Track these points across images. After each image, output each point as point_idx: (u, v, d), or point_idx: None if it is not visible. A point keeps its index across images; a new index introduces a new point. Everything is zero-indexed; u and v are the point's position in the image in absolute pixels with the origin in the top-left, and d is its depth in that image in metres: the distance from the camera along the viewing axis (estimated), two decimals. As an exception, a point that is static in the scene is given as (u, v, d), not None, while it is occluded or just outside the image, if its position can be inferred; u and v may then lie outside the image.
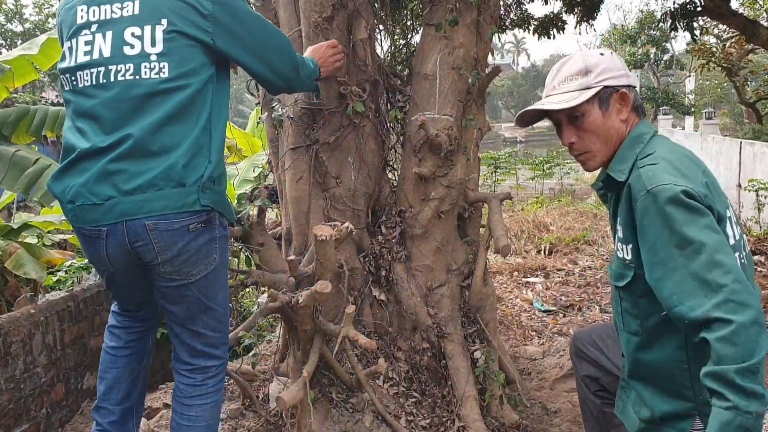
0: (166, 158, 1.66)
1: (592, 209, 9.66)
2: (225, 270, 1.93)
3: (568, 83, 1.51)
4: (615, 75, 1.49)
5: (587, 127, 1.50)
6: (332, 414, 2.65)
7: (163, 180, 1.65)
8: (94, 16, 1.73)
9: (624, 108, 1.51)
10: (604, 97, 1.49)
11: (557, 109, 1.49)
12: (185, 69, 1.71)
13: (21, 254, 4.19)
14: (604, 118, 1.49)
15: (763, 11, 13.83)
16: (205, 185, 1.73)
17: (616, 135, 1.50)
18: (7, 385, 2.60)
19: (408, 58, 3.20)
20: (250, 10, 1.89)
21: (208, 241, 1.80)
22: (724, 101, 24.26)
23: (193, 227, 1.73)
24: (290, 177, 2.79)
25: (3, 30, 18.53)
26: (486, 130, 3.16)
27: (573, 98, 1.48)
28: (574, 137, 1.53)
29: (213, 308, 1.89)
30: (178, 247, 1.72)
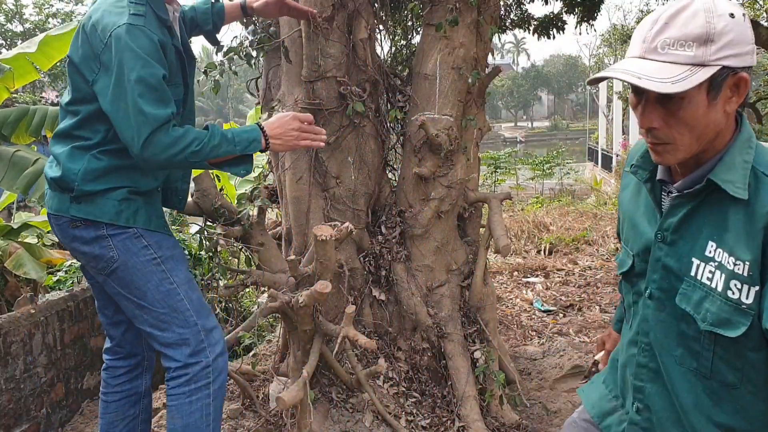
0: (56, 165, 1.88)
1: (592, 209, 9.66)
2: (149, 271, 1.89)
3: (677, 50, 1.03)
4: (740, 52, 1.04)
5: (683, 115, 1.06)
6: (332, 414, 2.65)
7: (52, 182, 1.87)
8: None
9: (736, 97, 1.08)
10: (717, 81, 1.04)
11: (656, 91, 1.03)
12: (78, 96, 1.87)
13: (21, 254, 4.19)
14: (708, 109, 1.06)
15: (763, 11, 13.83)
16: (78, 198, 1.84)
17: (713, 130, 1.10)
18: (7, 385, 2.60)
19: (408, 58, 3.20)
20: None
21: (96, 238, 1.85)
22: (724, 101, 24.24)
23: (73, 224, 1.86)
24: (290, 177, 2.79)
25: (3, 30, 18.53)
26: (486, 130, 3.16)
27: (680, 77, 1.02)
28: (658, 122, 1.09)
29: (146, 307, 1.90)
30: (68, 240, 1.89)
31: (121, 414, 2.12)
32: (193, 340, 1.94)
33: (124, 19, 1.74)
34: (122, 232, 1.86)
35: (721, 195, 1.10)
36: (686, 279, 1.15)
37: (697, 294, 1.13)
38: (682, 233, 1.16)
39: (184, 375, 1.93)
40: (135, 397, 2.15)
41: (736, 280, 1.08)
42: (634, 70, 1.06)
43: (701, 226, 1.14)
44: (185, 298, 1.93)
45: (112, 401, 2.12)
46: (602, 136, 22.98)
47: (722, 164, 1.11)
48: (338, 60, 2.64)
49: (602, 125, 23.41)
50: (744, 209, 1.08)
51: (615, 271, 6.16)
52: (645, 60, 1.07)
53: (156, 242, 1.91)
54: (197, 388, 1.93)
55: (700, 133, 1.09)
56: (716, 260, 1.11)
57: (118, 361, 2.13)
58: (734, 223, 1.08)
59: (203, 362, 1.94)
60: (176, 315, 1.92)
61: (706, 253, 1.12)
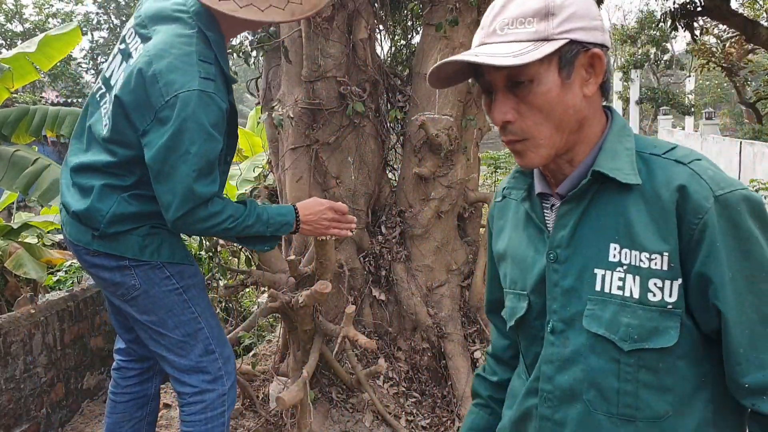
0: (81, 197, 1.80)
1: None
2: (170, 301, 1.87)
3: (518, 28, 0.92)
4: (588, 26, 0.93)
5: (535, 100, 0.93)
6: (332, 414, 2.65)
7: (75, 214, 1.80)
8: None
9: (593, 78, 0.95)
10: (567, 57, 0.92)
11: (495, 65, 0.90)
12: (117, 138, 1.76)
13: (21, 254, 4.19)
14: (562, 90, 0.93)
15: (763, 11, 13.84)
16: (101, 236, 1.78)
17: (574, 117, 0.95)
18: (7, 385, 2.60)
19: (408, 58, 3.20)
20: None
21: (117, 268, 1.81)
22: (724, 101, 24.27)
23: (94, 253, 1.81)
24: (290, 177, 2.79)
25: (3, 30, 18.53)
26: (486, 130, 3.16)
27: (522, 51, 0.90)
28: (511, 113, 0.95)
29: (165, 334, 1.88)
30: (87, 266, 1.85)
31: (128, 415, 2.11)
32: (212, 368, 1.93)
33: (195, 84, 1.62)
34: (145, 263, 1.82)
35: (612, 187, 0.95)
36: (591, 297, 0.96)
37: (610, 310, 0.94)
38: (577, 245, 0.98)
39: (200, 402, 1.92)
40: (143, 399, 2.14)
41: (656, 278, 0.92)
42: (473, 52, 0.94)
43: (597, 229, 0.97)
44: (206, 326, 1.92)
45: (120, 402, 2.10)
46: (602, 136, 22.95)
47: (603, 153, 0.97)
48: (338, 60, 2.64)
49: (602, 125, 23.39)
50: (642, 196, 0.93)
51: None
52: (485, 45, 0.94)
53: (178, 272, 1.88)
54: (213, 416, 1.93)
55: (558, 121, 0.94)
56: (624, 263, 0.94)
57: (130, 363, 2.12)
58: (637, 214, 0.93)
59: (219, 390, 1.94)
60: (196, 343, 1.90)
61: (609, 258, 0.95)
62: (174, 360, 1.91)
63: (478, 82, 1.00)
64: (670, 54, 22.15)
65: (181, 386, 1.94)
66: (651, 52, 19.64)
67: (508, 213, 1.13)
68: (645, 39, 19.25)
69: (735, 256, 0.89)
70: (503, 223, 1.14)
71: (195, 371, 1.92)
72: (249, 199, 1.83)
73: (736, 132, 18.10)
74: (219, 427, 1.95)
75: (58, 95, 18.49)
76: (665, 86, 21.17)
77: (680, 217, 0.91)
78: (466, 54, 0.93)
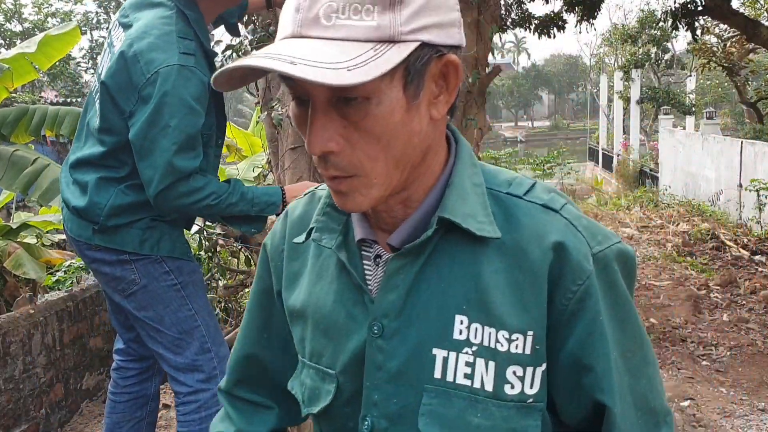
0: (80, 194, 1.81)
1: (592, 209, 9.65)
2: (168, 297, 1.87)
3: (351, 18, 0.61)
4: (444, 21, 0.65)
5: (370, 125, 0.64)
6: (332, 415, 2.65)
7: (75, 210, 1.81)
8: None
9: (444, 95, 0.68)
10: (416, 67, 0.64)
11: (323, 83, 0.58)
12: (106, 126, 1.78)
13: (20, 254, 4.18)
14: (407, 112, 0.65)
15: (763, 11, 13.82)
16: (101, 230, 1.80)
17: (419, 149, 0.68)
18: (6, 385, 2.60)
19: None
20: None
21: (118, 261, 1.82)
22: (725, 101, 24.25)
23: (95, 247, 1.82)
24: (290, 177, 2.78)
25: (2, 29, 18.53)
26: (486, 130, 3.15)
27: (360, 61, 0.59)
28: (336, 141, 0.65)
29: (162, 331, 1.88)
30: (89, 261, 1.87)
31: (128, 415, 2.11)
32: (207, 367, 1.93)
33: (175, 59, 1.63)
34: (145, 257, 1.83)
35: (461, 239, 0.70)
36: (429, 387, 0.70)
37: (455, 406, 0.69)
38: (410, 315, 0.71)
39: (195, 402, 1.92)
40: (143, 399, 2.14)
41: (516, 365, 0.68)
42: (285, 54, 0.60)
43: (439, 295, 0.70)
44: (202, 324, 1.92)
45: (120, 402, 2.10)
46: (603, 136, 22.96)
47: (451, 194, 0.70)
48: (338, 59, 2.63)
49: (603, 125, 23.40)
50: (502, 253, 0.69)
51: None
52: (303, 39, 0.62)
53: (177, 267, 1.89)
54: (208, 416, 1.92)
55: (400, 153, 0.66)
56: (474, 342, 0.68)
57: (129, 363, 2.12)
58: (493, 277, 0.69)
59: (213, 390, 1.93)
60: (192, 341, 1.90)
61: (454, 335, 0.69)
62: (170, 358, 1.91)
63: (286, 84, 0.70)
64: (670, 53, 22.14)
65: (177, 385, 1.94)
66: (652, 52, 19.62)
67: (306, 256, 0.81)
68: (646, 38, 19.23)
69: (615, 331, 0.70)
70: (299, 268, 0.81)
71: (190, 370, 1.92)
72: (233, 178, 1.85)
73: (737, 132, 18.09)
74: None
75: (57, 95, 18.49)
76: (666, 86, 21.15)
77: (554, 282, 0.68)
78: (278, 59, 0.59)
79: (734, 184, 9.40)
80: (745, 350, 4.23)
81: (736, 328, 4.66)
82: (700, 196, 10.66)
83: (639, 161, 16.67)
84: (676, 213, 8.93)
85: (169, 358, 1.91)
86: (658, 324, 4.71)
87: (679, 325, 4.70)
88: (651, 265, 6.42)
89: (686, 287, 5.57)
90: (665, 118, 15.97)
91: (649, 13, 18.40)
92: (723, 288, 5.59)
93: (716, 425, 3.08)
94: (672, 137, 13.38)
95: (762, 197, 7.97)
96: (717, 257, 6.76)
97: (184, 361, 1.91)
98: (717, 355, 4.18)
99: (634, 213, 9.18)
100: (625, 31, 19.72)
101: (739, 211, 9.09)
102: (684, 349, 4.28)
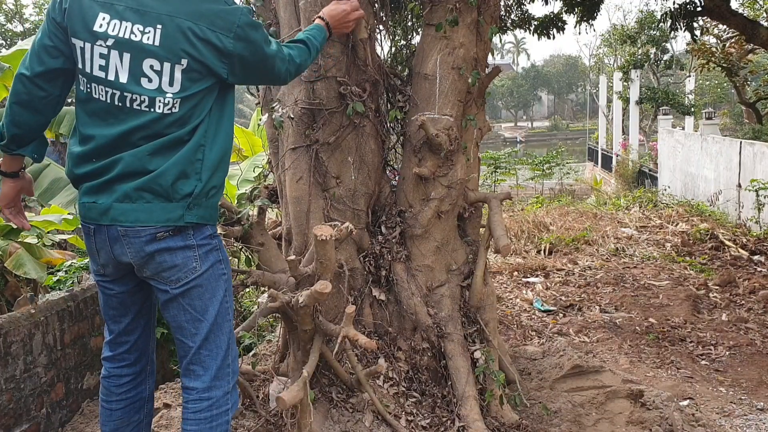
0: (155, 176, 1.77)
1: (592, 209, 9.66)
2: (217, 286, 1.90)
3: None
4: None
5: None
6: (332, 414, 2.65)
7: (151, 194, 1.77)
8: (113, 31, 1.74)
9: None
10: None
11: None
12: (193, 105, 1.80)
13: (21, 254, 4.19)
14: None
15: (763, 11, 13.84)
16: (194, 202, 1.81)
17: None
18: (7, 385, 2.60)
19: (408, 59, 3.20)
20: (263, 40, 1.90)
21: (182, 249, 1.82)
22: (724, 101, 24.27)
23: (160, 235, 1.80)
24: (290, 177, 2.79)
25: (3, 30, 18.52)
26: (486, 130, 3.16)
27: None
28: None
29: (201, 320, 1.89)
30: (147, 252, 1.81)
31: (126, 420, 2.10)
32: (221, 363, 1.94)
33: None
34: (207, 243, 1.87)
35: None
36: None
37: None
38: None
39: (207, 400, 1.92)
40: (139, 402, 2.13)
41: None
42: None
43: None
44: (231, 320, 1.97)
45: (117, 409, 2.09)
46: (602, 136, 22.98)
47: None
48: (338, 60, 2.64)
49: (602, 125, 23.41)
50: None
51: (615, 272, 6.16)
52: None
53: (226, 259, 1.95)
54: (218, 414, 1.93)
55: None
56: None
57: (123, 369, 2.09)
58: None
59: (224, 388, 1.95)
60: (218, 334, 1.92)
61: None
62: (197, 351, 1.91)
63: None
64: (670, 54, 22.14)
65: (193, 380, 1.93)
66: (651, 52, 19.63)
67: None
68: (645, 39, 19.25)
69: None
70: None
71: (208, 364, 1.92)
72: (304, 39, 2.15)
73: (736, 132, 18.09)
74: (224, 424, 1.94)
75: (57, 95, 18.42)
76: (665, 86, 21.16)
77: None
78: None
79: (733, 184, 9.41)
80: (744, 350, 4.24)
81: (735, 327, 4.67)
82: (699, 196, 10.67)
83: (638, 161, 16.68)
84: (675, 213, 8.94)
85: (193, 348, 1.91)
86: (657, 324, 4.72)
87: (678, 324, 4.71)
88: (650, 265, 6.43)
89: (685, 287, 5.58)
90: (664, 119, 15.97)
91: (649, 13, 18.41)
92: (722, 288, 5.60)
93: (715, 425, 3.09)
94: (671, 137, 13.39)
95: (761, 197, 7.98)
96: (716, 257, 6.77)
97: (209, 357, 1.91)
98: (716, 355, 4.19)
99: (634, 213, 9.19)
100: (625, 32, 19.74)
101: (738, 211, 9.10)
102: (683, 349, 4.29)
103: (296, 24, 2.67)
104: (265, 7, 2.88)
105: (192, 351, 1.92)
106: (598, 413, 2.93)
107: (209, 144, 1.84)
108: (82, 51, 1.78)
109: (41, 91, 1.82)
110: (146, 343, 2.12)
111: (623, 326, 4.67)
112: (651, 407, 2.97)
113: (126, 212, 1.77)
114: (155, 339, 2.20)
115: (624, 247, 7.18)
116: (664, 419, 2.86)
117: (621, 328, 4.63)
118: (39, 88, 1.82)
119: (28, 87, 1.82)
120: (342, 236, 2.30)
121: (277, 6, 2.81)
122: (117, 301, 2.01)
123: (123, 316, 2.04)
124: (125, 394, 2.09)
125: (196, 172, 1.81)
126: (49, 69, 1.81)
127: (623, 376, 3.31)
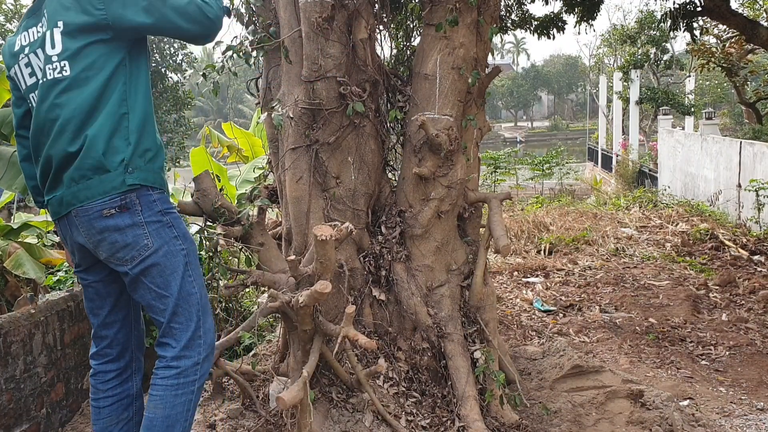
0: (86, 152, 1.84)
1: (592, 209, 9.66)
2: (176, 261, 1.94)
3: None
4: None
5: None
6: (332, 414, 2.65)
7: (90, 170, 1.85)
8: (26, 41, 1.94)
9: None
10: None
11: None
12: (85, 63, 1.85)
13: (21, 254, 4.18)
14: None
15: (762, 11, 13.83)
16: (131, 165, 1.87)
17: None
18: (7, 385, 2.60)
19: (409, 59, 3.20)
20: None
21: (131, 226, 1.87)
22: (724, 101, 24.26)
23: (107, 212, 1.85)
24: (290, 177, 2.79)
25: (2, 30, 18.53)
26: (486, 130, 3.16)
27: None
28: None
29: (166, 296, 1.93)
30: (97, 231, 1.87)
31: (115, 418, 2.12)
32: (192, 334, 1.97)
33: None
34: (157, 220, 1.91)
35: None
36: None
37: None
38: None
39: (175, 368, 1.95)
40: (127, 399, 2.15)
41: None
42: None
43: None
44: (198, 292, 1.99)
45: (104, 406, 2.12)
46: (602, 136, 22.97)
47: None
48: (338, 60, 2.64)
49: (602, 125, 23.40)
50: None
51: (615, 272, 6.16)
52: None
53: (183, 234, 1.98)
54: (185, 383, 1.96)
55: None
56: None
57: (107, 365, 2.13)
58: None
59: (194, 358, 1.97)
60: (186, 307, 1.96)
61: None
62: (164, 322, 1.95)
63: None
64: (670, 54, 22.14)
65: (164, 349, 1.97)
66: (651, 52, 19.63)
67: None
68: (645, 39, 19.24)
69: None
70: None
71: (178, 335, 1.96)
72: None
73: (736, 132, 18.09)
74: (188, 395, 1.96)
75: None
76: (665, 86, 21.16)
77: None
78: None
79: (733, 184, 9.41)
80: (744, 350, 4.24)
81: (735, 327, 4.66)
82: (699, 196, 10.67)
83: (638, 161, 16.68)
84: (675, 213, 8.94)
85: (162, 322, 1.96)
86: (657, 324, 4.72)
87: (679, 324, 4.71)
88: (650, 265, 6.43)
89: (685, 287, 5.58)
90: (664, 119, 15.97)
91: (649, 13, 18.41)
92: (722, 288, 5.60)
93: (715, 425, 3.08)
94: (671, 137, 13.39)
95: (761, 197, 7.98)
96: (716, 257, 6.77)
97: (175, 327, 1.95)
98: (716, 355, 4.19)
99: (633, 213, 9.19)
100: (625, 32, 19.73)
101: (738, 211, 9.10)
102: (683, 349, 4.29)
103: (296, 24, 2.67)
104: (265, 7, 2.88)
105: (163, 326, 1.96)
106: (598, 413, 2.93)
107: (132, 109, 1.90)
108: (16, 75, 1.97)
109: (29, 141, 2.00)
110: (127, 338, 2.15)
111: (623, 326, 4.67)
112: (651, 407, 2.97)
113: (75, 194, 1.86)
114: (141, 337, 2.23)
115: (624, 247, 7.18)
116: (664, 419, 2.86)
117: (621, 328, 4.63)
118: (26, 138, 2.02)
119: (22, 142, 2.05)
120: (342, 236, 2.30)
121: (277, 6, 2.81)
122: (93, 291, 2.08)
123: (100, 308, 2.10)
124: (111, 390, 2.12)
125: (125, 138, 1.87)
126: (22, 115, 2.03)
127: (623, 376, 3.31)
